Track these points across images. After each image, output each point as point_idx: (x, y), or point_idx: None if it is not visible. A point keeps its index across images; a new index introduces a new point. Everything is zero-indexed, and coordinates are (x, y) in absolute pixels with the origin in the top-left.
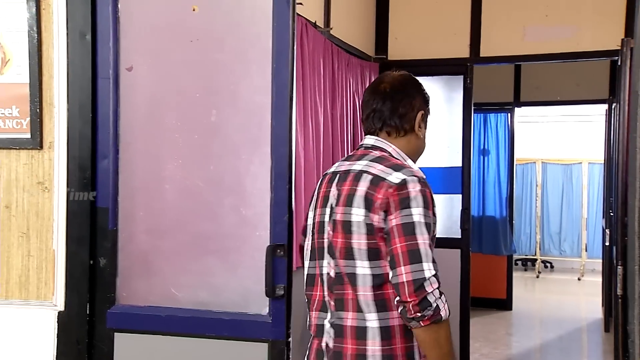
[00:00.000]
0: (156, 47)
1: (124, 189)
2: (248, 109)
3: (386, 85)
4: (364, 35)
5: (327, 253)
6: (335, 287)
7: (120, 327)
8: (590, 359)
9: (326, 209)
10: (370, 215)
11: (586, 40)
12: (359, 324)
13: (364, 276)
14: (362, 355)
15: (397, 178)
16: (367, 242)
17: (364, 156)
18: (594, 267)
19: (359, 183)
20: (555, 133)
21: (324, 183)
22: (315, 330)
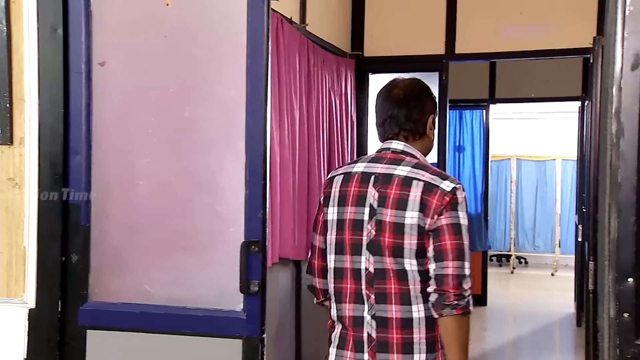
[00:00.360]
0: (129, 42)
1: (96, 185)
2: (222, 104)
3: (399, 91)
4: (339, 32)
5: (365, 249)
6: (375, 281)
7: (93, 325)
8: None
9: (364, 208)
10: (425, 218)
11: (559, 38)
12: (404, 315)
13: (412, 272)
14: (409, 344)
15: (448, 186)
16: (417, 243)
17: (400, 161)
18: (567, 263)
19: (411, 189)
20: (530, 130)
21: (354, 182)
22: (351, 322)
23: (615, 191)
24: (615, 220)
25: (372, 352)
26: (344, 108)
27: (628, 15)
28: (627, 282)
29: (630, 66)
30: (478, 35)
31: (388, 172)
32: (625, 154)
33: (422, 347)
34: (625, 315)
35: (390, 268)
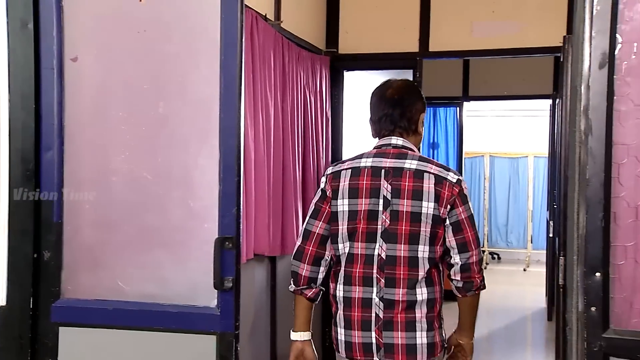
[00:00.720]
0: (102, 37)
1: (69, 181)
2: (196, 101)
3: (393, 92)
4: (314, 29)
5: (380, 237)
6: (386, 267)
7: (65, 321)
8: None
9: (378, 200)
10: (439, 208)
11: (531, 36)
12: (409, 298)
13: (423, 259)
14: (412, 322)
15: (454, 178)
16: (431, 230)
17: (404, 155)
18: (539, 258)
19: (423, 180)
20: (503, 127)
21: (365, 176)
22: (360, 303)
23: (584, 187)
24: (584, 216)
25: (379, 331)
26: (318, 105)
27: (595, 15)
28: (595, 276)
29: (598, 65)
30: (451, 33)
31: (397, 165)
32: (593, 151)
33: (423, 325)
34: (593, 309)
35: (403, 255)
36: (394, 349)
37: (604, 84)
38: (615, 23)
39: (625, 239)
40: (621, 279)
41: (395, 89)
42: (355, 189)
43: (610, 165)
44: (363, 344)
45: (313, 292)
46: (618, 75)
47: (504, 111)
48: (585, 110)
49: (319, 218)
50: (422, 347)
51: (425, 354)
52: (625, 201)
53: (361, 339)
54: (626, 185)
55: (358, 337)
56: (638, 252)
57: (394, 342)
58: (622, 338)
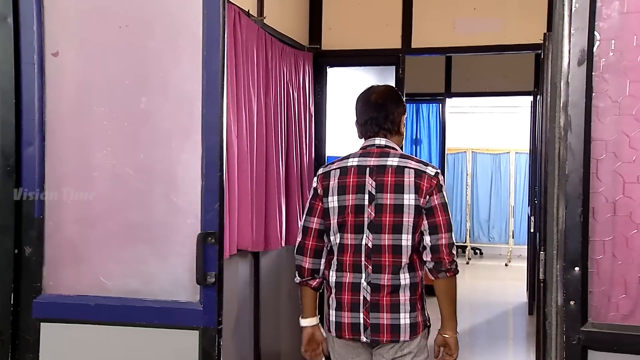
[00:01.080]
0: (83, 32)
1: (50, 177)
2: (179, 96)
3: (377, 97)
4: (297, 25)
5: (366, 229)
6: (373, 255)
7: (47, 317)
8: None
9: (363, 195)
10: (419, 198)
11: (512, 33)
12: (394, 283)
13: (406, 246)
14: (396, 305)
15: (432, 171)
16: (413, 220)
17: (387, 154)
18: (521, 253)
19: (404, 175)
20: (485, 123)
21: (352, 174)
22: (349, 287)
23: (563, 183)
24: (563, 211)
25: (366, 312)
26: (302, 101)
27: (574, 12)
28: (574, 271)
29: (577, 61)
30: (434, 30)
31: (380, 163)
32: (572, 147)
33: (407, 307)
34: (572, 303)
35: (387, 244)
36: (380, 329)
37: (582, 81)
38: (594, 20)
39: (603, 234)
40: (599, 273)
41: (379, 94)
42: (343, 186)
43: (589, 161)
44: (352, 324)
45: (317, 282)
46: (596, 72)
47: (486, 107)
48: (564, 106)
49: (313, 214)
50: (406, 327)
51: (408, 333)
52: (603, 196)
53: (350, 319)
54: (604, 181)
55: (347, 318)
56: (616, 246)
57: (380, 323)
58: (600, 331)
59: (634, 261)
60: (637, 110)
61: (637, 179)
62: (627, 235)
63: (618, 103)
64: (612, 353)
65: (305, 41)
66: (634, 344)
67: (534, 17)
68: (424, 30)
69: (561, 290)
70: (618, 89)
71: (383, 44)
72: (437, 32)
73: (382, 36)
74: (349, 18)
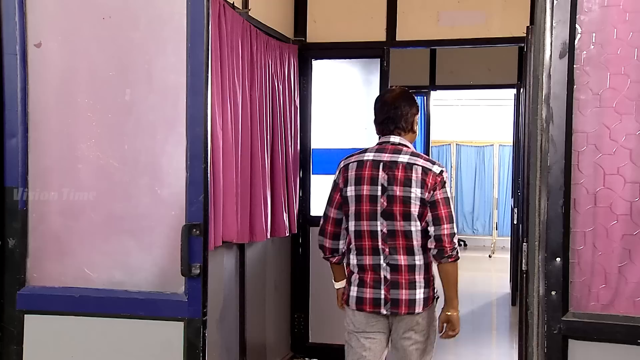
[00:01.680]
0: (66, 23)
1: (34, 169)
2: (163, 88)
3: (392, 98)
4: (282, 17)
5: (380, 216)
6: (389, 239)
7: (31, 309)
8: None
9: (376, 187)
10: (424, 192)
11: (496, 27)
12: (410, 263)
13: (416, 231)
14: (413, 282)
15: (437, 169)
16: (418, 210)
17: (399, 151)
18: (504, 245)
19: (412, 172)
20: (469, 116)
21: (367, 168)
22: (371, 268)
23: (545, 174)
24: (545, 203)
25: (387, 289)
26: (287, 93)
27: (556, 5)
28: (555, 261)
29: (559, 54)
30: (418, 22)
31: (393, 159)
32: (554, 138)
33: (421, 284)
34: (553, 293)
35: (400, 229)
36: (399, 303)
37: (564, 73)
38: (575, 14)
39: (584, 225)
40: (580, 264)
41: (394, 96)
42: (359, 177)
43: (571, 153)
44: (373, 299)
45: (337, 258)
46: (578, 64)
47: (470, 100)
48: (546, 98)
49: (332, 205)
50: (420, 301)
51: (422, 306)
52: (584, 188)
53: (372, 295)
54: (585, 173)
55: (370, 294)
56: (596, 237)
57: (399, 298)
58: (580, 321)
59: (613, 252)
60: (617, 102)
61: (617, 171)
62: (607, 226)
63: (599, 95)
64: (592, 342)
65: (291, 34)
66: (613, 333)
67: (517, 10)
68: (408, 23)
69: (543, 281)
70: (599, 81)
71: (368, 37)
72: (422, 25)
73: (367, 29)
74: (334, 11)
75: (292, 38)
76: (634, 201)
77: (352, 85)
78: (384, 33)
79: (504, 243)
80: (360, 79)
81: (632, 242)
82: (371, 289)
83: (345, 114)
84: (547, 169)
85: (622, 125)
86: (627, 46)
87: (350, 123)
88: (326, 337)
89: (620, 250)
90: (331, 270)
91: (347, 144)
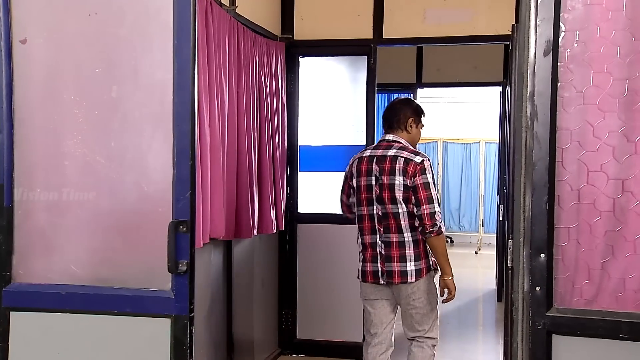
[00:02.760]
0: (52, 19)
1: (20, 166)
2: (149, 85)
3: (392, 103)
4: (269, 15)
5: (375, 202)
6: (383, 220)
7: (17, 306)
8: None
9: (371, 178)
10: (406, 179)
11: (482, 24)
12: (400, 239)
13: (403, 213)
14: (403, 256)
15: (418, 159)
16: (403, 194)
17: (390, 147)
18: (490, 241)
19: (396, 163)
20: (455, 113)
21: (364, 162)
22: (369, 245)
23: (530, 171)
24: (529, 199)
25: (382, 262)
26: (274, 91)
27: (540, 3)
28: (539, 257)
29: (543, 52)
30: (405, 20)
31: (383, 154)
32: (539, 136)
33: (411, 258)
34: (538, 289)
35: (390, 212)
36: (392, 274)
37: (548, 71)
38: (559, 12)
39: (568, 221)
40: (564, 260)
41: (395, 102)
42: (359, 170)
43: (555, 150)
44: (373, 272)
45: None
46: (562, 62)
47: (457, 98)
48: (531, 96)
49: (343, 192)
50: (412, 272)
51: (414, 276)
52: (568, 185)
53: (372, 268)
54: (569, 169)
55: (370, 267)
56: (580, 233)
57: (392, 270)
58: (564, 316)
59: (597, 248)
60: (600, 100)
61: (600, 168)
62: (591, 222)
63: (582, 93)
64: (575, 337)
65: (278, 31)
66: (596, 328)
67: (503, 8)
68: (395, 20)
69: (527, 277)
70: (582, 79)
71: (355, 34)
72: (408, 22)
73: (353, 26)
74: (321, 8)
75: (280, 35)
76: (616, 198)
77: (339, 83)
78: (370, 30)
79: (490, 240)
80: (347, 76)
81: (614, 238)
82: (370, 264)
83: (332, 111)
84: (531, 165)
85: (605, 122)
86: (610, 44)
87: (338, 120)
88: (314, 334)
89: (603, 246)
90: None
91: (334, 141)
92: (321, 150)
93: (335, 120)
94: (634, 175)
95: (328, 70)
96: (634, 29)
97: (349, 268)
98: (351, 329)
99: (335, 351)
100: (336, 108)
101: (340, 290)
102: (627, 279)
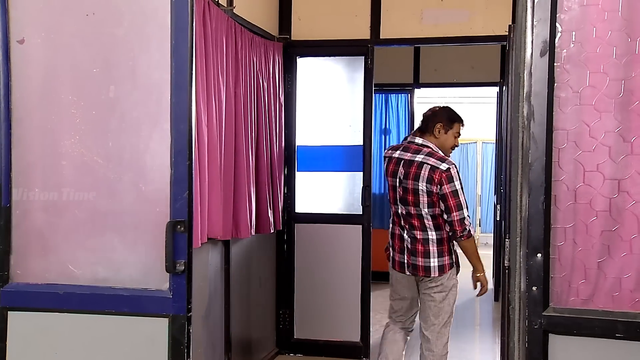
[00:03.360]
0: (50, 19)
1: (17, 165)
2: (147, 85)
3: (432, 109)
4: (267, 15)
5: (399, 202)
6: (407, 218)
7: (15, 306)
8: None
9: (396, 179)
10: (431, 186)
11: (479, 25)
12: (424, 237)
13: (426, 214)
14: (427, 252)
15: (444, 167)
16: (427, 199)
17: (419, 151)
18: (487, 241)
19: (422, 170)
20: None
21: (392, 163)
22: (398, 238)
23: (526, 171)
24: (526, 199)
25: (409, 255)
26: (272, 91)
27: (537, 4)
28: (536, 257)
29: (540, 52)
30: (402, 20)
31: (411, 158)
32: (535, 136)
33: (435, 254)
34: (534, 288)
35: (413, 212)
36: (417, 268)
37: (545, 71)
38: (555, 12)
39: (564, 221)
40: (561, 260)
41: (429, 109)
42: (387, 170)
43: (551, 150)
44: (400, 262)
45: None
46: (558, 62)
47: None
48: (527, 96)
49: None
50: (435, 267)
51: (437, 271)
52: (565, 184)
53: (399, 259)
54: (566, 169)
55: (398, 258)
56: (576, 233)
57: (417, 264)
58: (560, 316)
59: (593, 247)
60: (596, 100)
61: (596, 168)
62: (587, 222)
63: (579, 93)
64: (572, 336)
65: (275, 31)
66: (592, 328)
67: (500, 8)
68: (392, 21)
69: (524, 276)
70: (579, 79)
71: (352, 35)
72: (406, 23)
73: (351, 27)
74: (318, 8)
75: (277, 36)
76: (612, 198)
77: (336, 83)
78: (368, 31)
79: (487, 239)
80: (344, 76)
81: (611, 238)
82: (399, 254)
83: (329, 111)
84: (528, 165)
85: (602, 122)
86: (606, 45)
87: (335, 120)
88: (311, 333)
89: (599, 246)
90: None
91: (331, 141)
92: (318, 150)
93: (332, 120)
94: (630, 175)
95: (325, 71)
96: (629, 30)
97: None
98: (348, 328)
99: (333, 351)
100: (333, 108)
101: (337, 290)
102: (623, 278)
